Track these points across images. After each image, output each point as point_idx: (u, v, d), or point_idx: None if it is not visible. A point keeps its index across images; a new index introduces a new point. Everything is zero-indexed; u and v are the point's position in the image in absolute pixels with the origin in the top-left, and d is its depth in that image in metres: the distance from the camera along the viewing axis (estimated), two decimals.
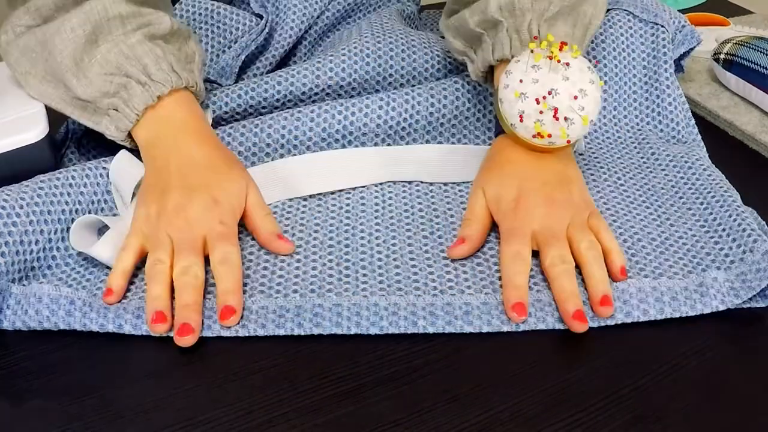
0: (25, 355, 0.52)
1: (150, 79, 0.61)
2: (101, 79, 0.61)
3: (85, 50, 0.61)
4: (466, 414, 0.47)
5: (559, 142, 0.60)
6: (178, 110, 0.63)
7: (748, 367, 0.51)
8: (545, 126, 0.59)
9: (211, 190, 0.59)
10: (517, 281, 0.55)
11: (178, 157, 0.61)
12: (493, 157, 0.65)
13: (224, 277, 0.55)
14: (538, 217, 0.58)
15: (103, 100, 0.62)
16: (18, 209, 0.56)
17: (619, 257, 0.57)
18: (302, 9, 0.81)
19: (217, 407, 0.48)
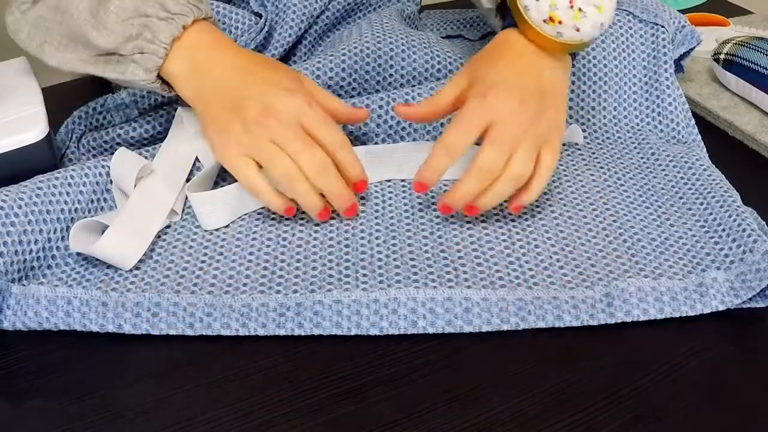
0: (25, 355, 0.52)
1: (170, 14, 0.61)
2: (121, 26, 0.60)
3: (100, 2, 0.60)
4: (466, 414, 0.47)
5: (568, 33, 0.60)
6: (205, 36, 0.63)
7: (748, 367, 0.51)
8: (558, 10, 0.59)
9: (278, 82, 0.60)
10: (435, 166, 0.59)
11: (223, 69, 0.61)
12: (491, 49, 0.64)
13: (346, 159, 0.60)
14: (500, 112, 0.59)
15: (126, 46, 0.61)
16: (17, 209, 0.56)
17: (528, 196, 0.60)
18: (302, 8, 0.81)
19: (217, 407, 0.48)
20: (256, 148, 0.58)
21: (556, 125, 0.61)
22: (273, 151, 0.58)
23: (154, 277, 0.58)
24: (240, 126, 0.59)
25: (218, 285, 0.57)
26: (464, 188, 0.59)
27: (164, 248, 0.61)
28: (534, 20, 0.61)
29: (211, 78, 0.61)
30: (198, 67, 0.62)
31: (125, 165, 0.63)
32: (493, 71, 0.61)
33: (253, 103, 0.59)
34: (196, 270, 0.58)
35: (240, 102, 0.59)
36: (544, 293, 0.55)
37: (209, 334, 0.53)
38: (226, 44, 0.63)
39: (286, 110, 0.58)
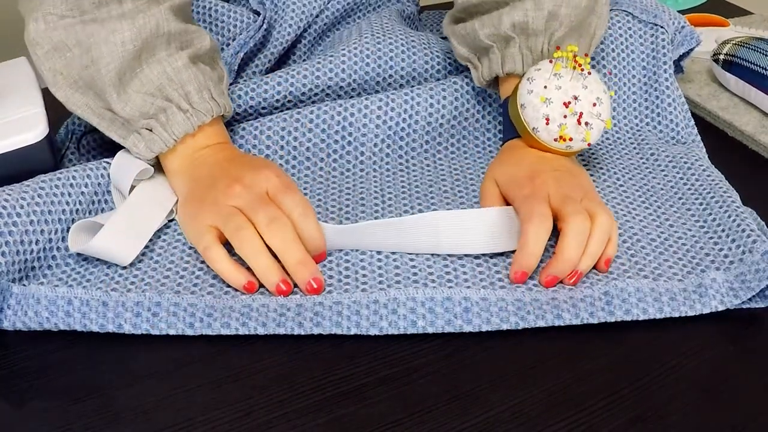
0: (26, 356, 0.52)
1: (192, 107, 0.61)
2: (141, 98, 0.60)
3: (130, 66, 0.59)
4: (467, 414, 0.47)
5: (577, 146, 0.63)
6: (214, 138, 0.63)
7: (748, 367, 0.51)
8: (569, 130, 0.62)
9: (254, 164, 0.60)
10: (534, 248, 0.56)
11: (212, 168, 0.61)
12: (503, 153, 0.67)
13: (307, 225, 0.57)
14: (553, 186, 0.59)
15: (139, 120, 0.60)
16: (18, 209, 0.56)
17: (613, 249, 0.58)
18: (301, 7, 0.81)
19: (218, 408, 0.48)
20: (221, 214, 0.57)
21: (593, 190, 0.62)
22: (232, 216, 0.56)
23: (155, 277, 0.58)
24: (209, 199, 0.58)
25: (218, 285, 0.57)
26: (567, 255, 0.55)
27: (164, 248, 0.61)
28: (544, 140, 0.63)
29: (201, 174, 0.61)
30: (194, 167, 0.62)
31: (125, 168, 0.63)
32: (521, 168, 0.62)
33: (224, 179, 0.59)
34: (196, 270, 0.58)
35: (215, 181, 0.59)
36: (543, 294, 0.55)
37: (209, 334, 0.53)
38: (228, 150, 0.64)
39: (252, 179, 0.58)
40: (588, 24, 0.68)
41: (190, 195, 0.61)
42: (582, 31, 0.68)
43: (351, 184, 0.69)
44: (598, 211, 0.58)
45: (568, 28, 0.66)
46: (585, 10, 0.66)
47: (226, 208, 0.57)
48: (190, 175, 0.62)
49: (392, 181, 0.69)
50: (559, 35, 0.66)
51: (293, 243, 0.56)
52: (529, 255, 0.56)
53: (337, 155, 0.70)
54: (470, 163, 0.72)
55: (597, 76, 0.63)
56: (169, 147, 0.61)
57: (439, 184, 0.69)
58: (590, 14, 0.68)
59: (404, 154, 0.72)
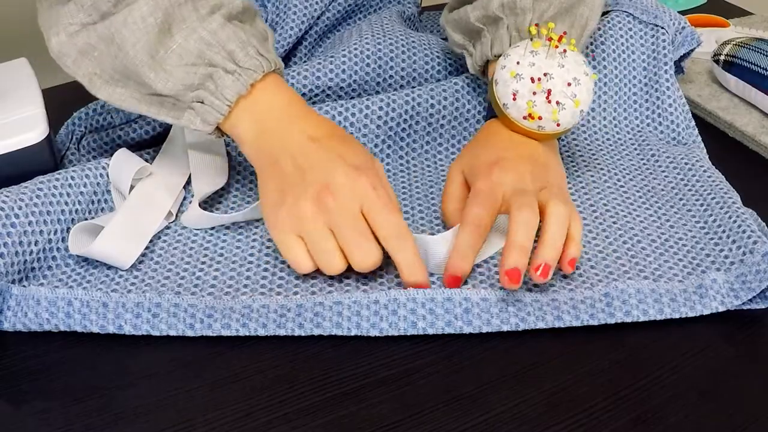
0: (26, 356, 0.52)
1: (239, 67, 0.57)
2: (182, 71, 0.56)
3: (159, 41, 0.55)
4: (468, 415, 0.47)
5: (549, 126, 0.61)
6: (276, 97, 0.59)
7: (749, 368, 0.51)
8: (537, 107, 0.60)
9: (346, 157, 0.56)
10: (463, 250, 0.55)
11: (293, 139, 0.57)
12: (477, 134, 0.66)
13: (401, 253, 0.54)
14: (511, 180, 0.58)
15: (186, 94, 0.57)
16: (17, 210, 0.56)
17: (576, 249, 0.56)
18: (302, 9, 0.81)
19: (218, 408, 0.48)
20: (307, 231, 0.54)
21: (559, 185, 0.60)
22: (322, 243, 0.54)
23: (155, 278, 0.58)
24: (294, 200, 0.54)
25: (218, 286, 0.57)
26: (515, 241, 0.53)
27: (165, 249, 0.61)
28: (514, 117, 0.62)
29: (278, 146, 0.57)
30: (265, 134, 0.58)
31: (123, 166, 0.63)
32: (488, 152, 0.62)
33: (314, 177, 0.55)
34: (196, 271, 0.58)
35: (302, 174, 0.55)
36: (543, 296, 0.55)
37: (210, 335, 0.53)
38: (297, 109, 0.59)
39: (345, 192, 0.54)
40: (579, 13, 0.67)
41: (272, 184, 0.57)
42: (573, 18, 0.67)
43: None
44: (553, 202, 0.56)
45: (557, 9, 0.65)
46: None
47: (315, 226, 0.54)
48: (267, 153, 0.58)
49: (393, 181, 0.69)
50: (548, 15, 0.65)
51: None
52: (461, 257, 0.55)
53: None
54: None
55: (579, 57, 0.61)
56: (224, 114, 0.57)
57: (440, 184, 0.69)
58: (581, 1, 0.67)
59: (405, 154, 0.72)
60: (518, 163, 0.60)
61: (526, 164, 0.60)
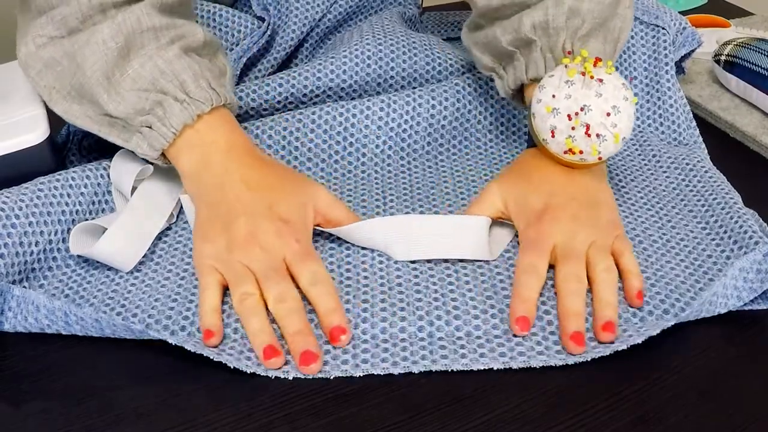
0: (27, 357, 0.52)
1: (189, 97, 0.58)
2: (134, 96, 0.58)
3: (116, 64, 0.57)
4: (469, 416, 0.47)
5: (591, 158, 0.59)
6: (221, 131, 0.60)
7: (749, 368, 0.51)
8: (576, 142, 0.58)
9: (276, 210, 0.57)
10: (525, 294, 0.54)
11: (231, 182, 0.59)
12: (520, 164, 0.64)
13: (321, 297, 0.54)
14: (561, 232, 0.57)
15: (136, 118, 0.58)
16: (17, 211, 0.56)
17: (638, 280, 0.55)
18: (304, 12, 0.81)
19: (218, 409, 0.48)
20: (233, 269, 0.55)
21: (611, 221, 0.59)
22: (243, 278, 0.54)
23: (155, 279, 0.58)
24: (225, 243, 0.56)
25: None
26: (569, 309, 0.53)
27: (165, 251, 0.61)
28: (555, 152, 0.60)
29: (216, 187, 0.59)
30: (205, 171, 0.59)
31: (124, 167, 0.63)
32: (536, 196, 0.60)
33: (244, 226, 0.56)
34: (197, 273, 0.58)
35: (234, 221, 0.56)
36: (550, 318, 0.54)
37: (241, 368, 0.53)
38: (241, 147, 0.61)
39: (272, 243, 0.56)
40: (612, 26, 0.64)
41: (205, 218, 0.58)
42: (606, 32, 0.64)
43: (352, 186, 0.69)
44: (599, 259, 0.56)
45: (591, 25, 0.62)
46: (608, 7, 0.63)
47: (240, 268, 0.55)
48: (204, 192, 0.59)
49: (394, 182, 0.69)
50: (582, 33, 0.62)
51: (296, 314, 0.53)
52: (523, 301, 0.54)
53: (338, 156, 0.70)
54: (472, 165, 0.72)
55: (618, 81, 0.58)
56: (169, 141, 0.59)
57: (441, 185, 0.69)
58: (614, 13, 0.64)
59: (406, 155, 0.72)
60: (567, 209, 0.59)
61: (575, 209, 0.59)
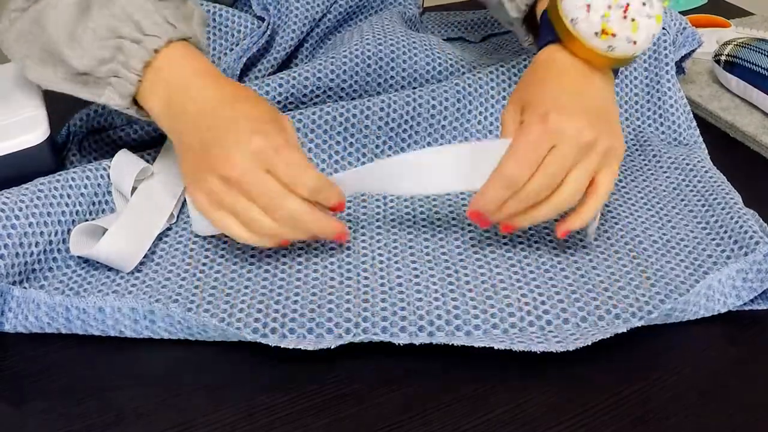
0: (27, 357, 0.52)
1: (144, 35, 0.57)
2: (96, 46, 0.57)
3: (78, 20, 0.57)
4: (469, 415, 0.47)
5: (621, 47, 0.56)
6: (182, 65, 0.58)
7: (749, 368, 0.51)
8: (611, 23, 0.55)
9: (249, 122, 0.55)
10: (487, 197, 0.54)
11: (195, 105, 0.56)
12: (536, 70, 0.60)
13: (303, 180, 0.54)
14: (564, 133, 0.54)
15: (100, 69, 0.57)
16: (17, 211, 0.56)
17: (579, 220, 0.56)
18: (304, 12, 0.81)
19: (219, 409, 0.48)
20: (230, 207, 0.55)
21: (615, 150, 0.56)
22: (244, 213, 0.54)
23: (156, 279, 0.58)
24: (204, 178, 0.55)
25: (219, 288, 0.57)
26: (490, 196, 0.54)
27: (166, 251, 0.61)
28: (584, 34, 0.56)
29: (183, 119, 0.57)
30: (172, 106, 0.57)
31: (125, 167, 0.63)
32: (547, 94, 0.56)
33: (217, 152, 0.54)
34: (197, 273, 0.58)
35: (207, 149, 0.55)
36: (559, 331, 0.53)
37: (208, 340, 0.53)
38: (203, 72, 0.58)
39: (246, 163, 0.53)
40: None
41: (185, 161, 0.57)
42: None
43: None
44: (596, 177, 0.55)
45: None
46: None
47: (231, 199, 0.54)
48: (176, 128, 0.57)
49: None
50: None
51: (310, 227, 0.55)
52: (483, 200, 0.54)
53: (338, 156, 0.70)
54: None
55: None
56: (134, 85, 0.57)
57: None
58: None
59: None
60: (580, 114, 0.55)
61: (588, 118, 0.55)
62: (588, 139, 0.54)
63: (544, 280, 0.57)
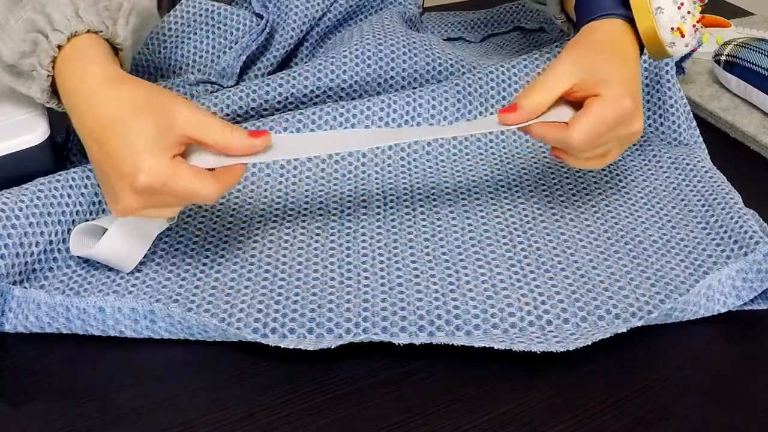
0: (27, 357, 0.52)
1: (53, 29, 0.55)
2: (20, 38, 0.56)
3: (11, 11, 0.57)
4: (470, 415, 0.47)
5: (678, 47, 0.60)
6: (76, 66, 0.54)
7: (750, 368, 0.51)
8: (686, 25, 0.59)
9: (129, 160, 0.50)
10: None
11: (83, 135, 0.53)
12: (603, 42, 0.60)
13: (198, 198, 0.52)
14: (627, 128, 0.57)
15: (23, 62, 0.56)
16: (17, 211, 0.56)
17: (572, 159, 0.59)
18: (304, 10, 0.81)
19: (219, 409, 0.48)
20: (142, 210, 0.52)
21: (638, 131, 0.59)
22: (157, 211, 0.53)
23: (156, 279, 0.58)
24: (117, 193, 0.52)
25: (219, 288, 0.57)
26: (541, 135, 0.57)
27: (166, 251, 0.61)
28: (661, 24, 0.59)
29: (78, 123, 0.54)
30: (68, 103, 0.55)
31: None
32: (620, 75, 0.57)
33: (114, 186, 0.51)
34: (197, 273, 0.58)
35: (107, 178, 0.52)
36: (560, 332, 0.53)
37: (208, 340, 0.53)
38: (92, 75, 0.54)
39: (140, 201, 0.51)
40: None
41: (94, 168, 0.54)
42: None
43: (353, 186, 0.69)
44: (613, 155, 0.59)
45: None
46: None
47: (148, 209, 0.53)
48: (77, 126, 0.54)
49: (394, 183, 0.69)
50: None
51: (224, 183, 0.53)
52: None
53: (338, 156, 0.70)
54: (473, 165, 0.72)
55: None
56: (47, 81, 0.56)
57: (442, 185, 0.69)
58: None
59: (406, 156, 0.72)
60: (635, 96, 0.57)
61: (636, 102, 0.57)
62: (640, 132, 0.58)
63: (544, 280, 0.57)
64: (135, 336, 0.52)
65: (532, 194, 0.67)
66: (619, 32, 0.60)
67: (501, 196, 0.67)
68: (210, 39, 0.82)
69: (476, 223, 0.64)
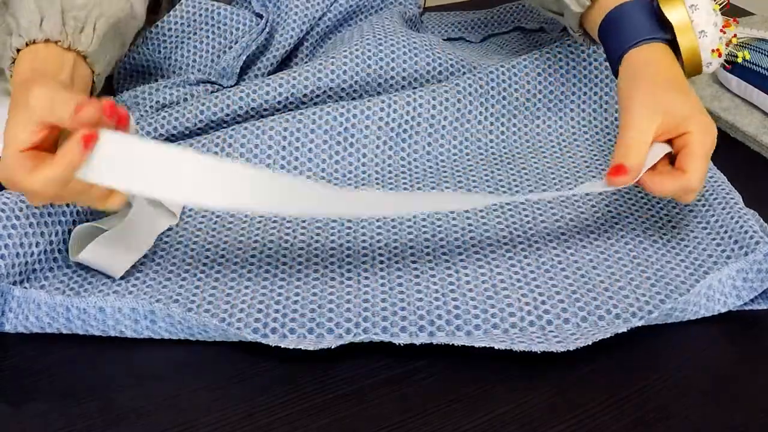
0: (27, 357, 0.52)
1: (17, 34, 0.57)
2: (1, 41, 0.58)
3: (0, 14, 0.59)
4: (470, 415, 0.47)
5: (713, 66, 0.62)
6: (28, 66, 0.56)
7: (750, 368, 0.51)
8: (723, 46, 0.62)
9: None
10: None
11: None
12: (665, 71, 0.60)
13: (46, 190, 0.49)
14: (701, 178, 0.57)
15: (2, 62, 0.59)
16: (18, 211, 0.56)
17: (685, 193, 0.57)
18: (303, 10, 0.81)
19: (220, 409, 0.48)
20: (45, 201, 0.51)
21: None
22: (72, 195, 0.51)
23: (156, 279, 0.58)
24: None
25: (220, 288, 0.57)
26: (657, 188, 0.56)
27: (166, 251, 0.61)
28: (704, 47, 0.61)
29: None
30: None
31: None
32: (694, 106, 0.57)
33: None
34: (198, 273, 0.58)
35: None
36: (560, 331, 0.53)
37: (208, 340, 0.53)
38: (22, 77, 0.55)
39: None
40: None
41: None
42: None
43: (352, 186, 0.69)
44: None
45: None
46: None
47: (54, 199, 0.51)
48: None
49: (394, 183, 0.69)
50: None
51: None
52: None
53: (338, 156, 0.70)
54: (473, 166, 0.72)
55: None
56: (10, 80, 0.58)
57: (442, 185, 0.69)
58: None
59: (406, 156, 0.72)
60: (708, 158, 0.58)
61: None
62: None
63: (544, 280, 0.57)
64: (135, 336, 0.53)
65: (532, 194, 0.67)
66: (667, 58, 0.60)
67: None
68: (210, 39, 0.82)
69: (476, 223, 0.64)
